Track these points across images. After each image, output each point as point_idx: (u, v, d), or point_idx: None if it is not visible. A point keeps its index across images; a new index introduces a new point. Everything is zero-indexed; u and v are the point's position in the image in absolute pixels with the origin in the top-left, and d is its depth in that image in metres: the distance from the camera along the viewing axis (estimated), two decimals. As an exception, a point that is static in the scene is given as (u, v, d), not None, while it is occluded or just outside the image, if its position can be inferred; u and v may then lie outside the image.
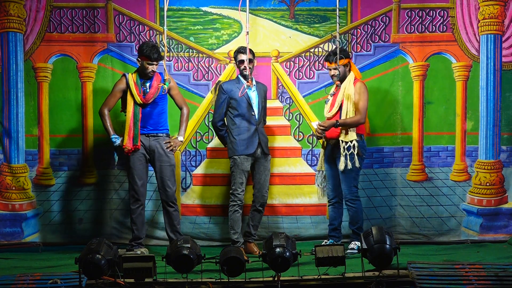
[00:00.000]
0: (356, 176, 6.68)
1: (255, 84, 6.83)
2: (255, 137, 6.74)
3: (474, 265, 5.53)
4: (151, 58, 6.51)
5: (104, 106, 6.68)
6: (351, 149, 6.56)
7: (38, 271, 5.73)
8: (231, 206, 6.74)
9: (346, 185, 6.66)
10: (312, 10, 7.47)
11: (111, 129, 6.65)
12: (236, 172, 6.72)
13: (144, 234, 6.76)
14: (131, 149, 6.58)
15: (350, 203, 6.68)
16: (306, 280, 5.41)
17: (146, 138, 6.64)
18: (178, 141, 6.74)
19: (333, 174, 6.79)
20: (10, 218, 7.26)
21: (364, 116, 6.61)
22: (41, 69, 7.29)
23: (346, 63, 6.68)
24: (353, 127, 6.60)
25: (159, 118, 6.68)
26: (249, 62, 6.66)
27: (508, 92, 7.38)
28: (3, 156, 7.27)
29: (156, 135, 6.67)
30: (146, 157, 6.68)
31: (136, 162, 6.63)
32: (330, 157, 6.78)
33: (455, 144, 7.46)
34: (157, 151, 6.64)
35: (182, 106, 6.81)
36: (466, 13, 7.38)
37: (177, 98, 6.81)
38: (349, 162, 6.54)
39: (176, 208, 6.74)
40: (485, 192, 7.38)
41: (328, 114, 6.73)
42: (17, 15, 7.20)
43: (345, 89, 6.62)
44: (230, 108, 6.78)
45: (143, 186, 6.69)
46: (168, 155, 6.67)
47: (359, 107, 6.59)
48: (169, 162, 6.68)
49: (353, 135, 6.58)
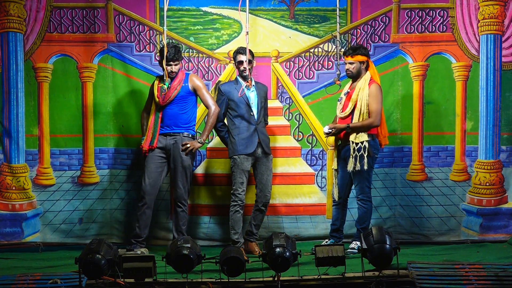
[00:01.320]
0: (368, 176, 6.62)
1: (254, 85, 6.83)
2: (254, 136, 6.75)
3: (474, 265, 5.54)
4: (167, 58, 6.59)
5: (143, 110, 6.94)
6: (361, 151, 6.53)
7: (38, 271, 5.74)
8: (232, 206, 6.74)
9: (358, 185, 6.62)
10: (312, 10, 7.47)
11: (142, 131, 6.84)
12: (237, 172, 6.73)
13: (145, 234, 6.77)
14: (146, 150, 6.69)
15: (362, 203, 6.63)
16: (306, 280, 5.42)
17: (164, 138, 6.72)
18: (196, 144, 6.73)
19: (342, 174, 6.75)
20: (10, 218, 7.25)
21: (377, 119, 6.53)
22: (42, 69, 7.29)
23: (363, 60, 6.62)
24: (365, 131, 6.55)
25: (179, 118, 6.72)
26: (248, 63, 6.67)
27: (508, 92, 7.39)
28: (3, 156, 7.26)
29: (173, 134, 6.72)
30: (163, 157, 6.74)
31: (149, 161, 6.71)
32: (342, 157, 6.74)
33: (454, 144, 7.46)
34: (172, 151, 6.71)
35: (208, 105, 6.80)
36: (466, 13, 7.38)
37: (203, 98, 6.81)
38: (358, 163, 6.51)
39: (184, 209, 6.78)
40: (485, 192, 7.39)
41: (341, 114, 6.66)
42: (17, 15, 7.20)
43: (360, 90, 6.56)
44: (229, 109, 6.80)
45: (150, 185, 6.70)
46: (182, 156, 6.70)
47: (372, 109, 6.53)
48: (181, 163, 6.71)
49: (364, 137, 6.52)
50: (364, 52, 6.62)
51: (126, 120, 7.32)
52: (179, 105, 6.73)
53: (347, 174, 6.67)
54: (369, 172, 6.61)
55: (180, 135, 6.73)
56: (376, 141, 6.66)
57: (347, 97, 6.66)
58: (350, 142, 6.54)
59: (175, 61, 6.66)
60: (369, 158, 6.52)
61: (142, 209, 6.72)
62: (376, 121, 6.54)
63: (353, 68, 6.60)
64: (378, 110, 6.55)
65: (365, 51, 6.65)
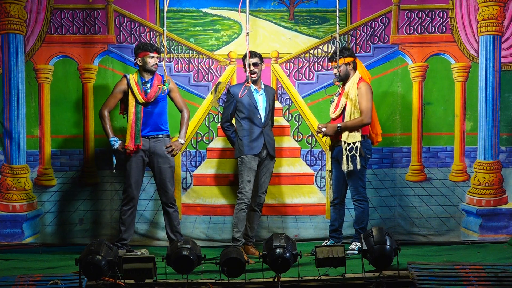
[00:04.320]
0: (362, 176, 6.65)
1: (263, 88, 6.85)
2: (260, 138, 6.76)
3: (474, 266, 5.52)
4: (149, 49, 6.55)
5: (104, 108, 6.69)
6: (353, 151, 6.56)
7: (38, 272, 5.74)
8: (238, 204, 6.71)
9: (352, 185, 6.65)
10: (312, 11, 7.48)
11: (110, 131, 6.66)
12: (244, 170, 6.72)
13: (130, 236, 6.74)
14: (133, 149, 6.59)
15: (358, 203, 6.66)
16: (306, 281, 5.42)
17: (146, 140, 6.64)
18: (179, 144, 6.74)
19: (336, 174, 6.77)
20: (10, 219, 7.26)
21: (367, 116, 6.55)
22: (42, 71, 7.30)
23: (348, 62, 6.66)
24: (357, 129, 6.58)
25: (159, 119, 6.68)
26: (255, 66, 6.68)
27: (507, 93, 7.40)
28: (4, 157, 7.27)
29: (156, 136, 6.67)
30: (144, 160, 6.68)
31: (132, 165, 6.63)
32: (334, 158, 6.77)
33: (454, 145, 7.47)
34: (157, 153, 6.65)
35: (182, 108, 6.81)
36: (465, 14, 7.39)
37: (177, 100, 6.81)
38: (351, 163, 6.54)
39: (175, 209, 6.75)
40: (484, 192, 7.40)
41: (333, 115, 6.72)
42: (18, 17, 7.20)
43: (349, 90, 6.60)
44: (237, 111, 6.81)
45: (137, 189, 6.68)
46: (168, 157, 6.68)
47: (362, 108, 6.57)
48: (169, 164, 6.69)
49: (357, 136, 6.55)
50: (348, 54, 6.65)
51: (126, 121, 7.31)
52: (160, 105, 6.67)
53: (342, 175, 6.69)
54: (363, 172, 6.64)
55: (162, 137, 6.69)
56: (368, 142, 6.69)
57: (338, 98, 6.70)
58: (342, 142, 6.57)
59: (157, 53, 6.59)
60: (361, 158, 6.54)
61: (128, 212, 6.66)
62: (366, 118, 6.56)
63: (341, 71, 6.62)
64: (368, 108, 6.57)
65: (348, 52, 6.69)
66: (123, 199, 6.70)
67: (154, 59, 6.59)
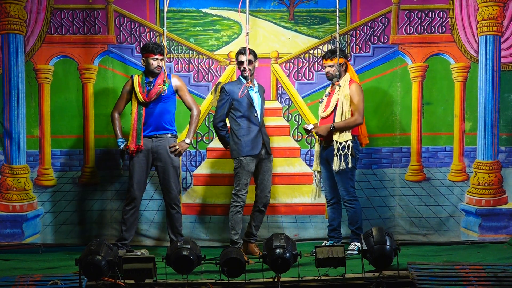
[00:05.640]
0: (352, 176, 6.67)
1: (257, 85, 6.84)
2: (259, 137, 6.74)
3: (474, 266, 5.52)
4: (154, 51, 6.55)
5: (114, 110, 6.75)
6: (345, 150, 6.57)
7: (38, 272, 5.74)
8: (233, 207, 6.70)
9: (342, 186, 6.66)
10: (312, 11, 7.48)
11: (119, 133, 6.70)
12: (242, 173, 6.70)
13: (131, 236, 6.72)
14: (134, 150, 6.59)
15: (348, 203, 6.68)
16: (306, 281, 5.41)
17: (149, 140, 6.64)
18: (184, 144, 6.72)
19: (329, 175, 6.79)
20: (10, 219, 7.26)
21: (360, 116, 6.60)
22: (42, 71, 7.30)
23: (342, 63, 6.68)
24: (349, 129, 6.60)
25: (162, 118, 6.65)
26: (249, 63, 6.66)
27: (506, 93, 7.40)
28: (4, 157, 7.27)
29: (159, 136, 6.66)
30: (148, 161, 6.67)
31: (135, 165, 6.63)
32: (324, 158, 6.79)
33: (453, 145, 7.48)
34: (160, 153, 6.64)
35: (191, 106, 6.78)
36: (465, 14, 7.39)
37: (185, 99, 6.79)
38: (343, 162, 6.54)
39: (178, 211, 6.73)
40: (484, 192, 7.40)
41: (323, 113, 6.74)
42: (18, 17, 7.20)
43: (340, 90, 6.61)
44: (233, 110, 6.76)
45: (139, 189, 6.67)
46: (171, 157, 6.67)
47: (354, 108, 6.58)
48: (172, 164, 6.67)
49: (348, 136, 6.57)
50: (342, 55, 6.67)
51: (126, 121, 7.31)
52: (164, 104, 6.66)
53: (333, 174, 6.70)
54: (353, 172, 6.66)
55: (166, 136, 6.69)
56: (357, 142, 6.71)
57: (328, 98, 6.72)
58: (333, 142, 6.58)
59: (161, 55, 6.60)
60: (352, 158, 6.55)
61: (130, 212, 6.64)
62: (359, 118, 6.61)
63: (333, 71, 6.65)
64: (361, 108, 6.61)
65: (343, 54, 6.73)
66: (126, 199, 6.71)
67: (157, 61, 6.59)
